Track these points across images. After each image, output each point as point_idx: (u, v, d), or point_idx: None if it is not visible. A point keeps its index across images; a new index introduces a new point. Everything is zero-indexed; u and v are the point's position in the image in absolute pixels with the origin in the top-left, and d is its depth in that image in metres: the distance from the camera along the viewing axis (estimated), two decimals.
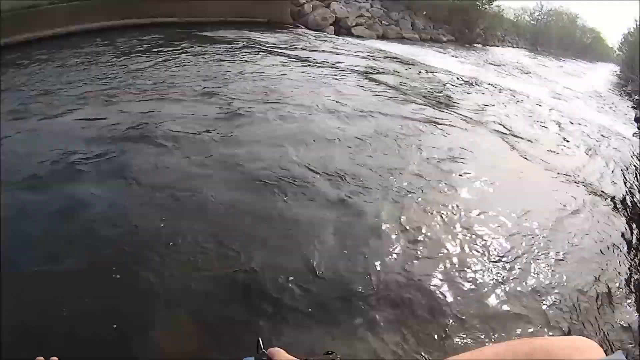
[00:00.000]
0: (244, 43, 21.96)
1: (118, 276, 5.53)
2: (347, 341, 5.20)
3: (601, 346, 1.06)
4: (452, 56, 36.87)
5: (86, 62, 15.82)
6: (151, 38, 20.26)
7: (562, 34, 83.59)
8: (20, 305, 5.01)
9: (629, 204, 12.21)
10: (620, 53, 77.98)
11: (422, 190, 9.39)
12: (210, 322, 5.20)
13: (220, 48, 19.98)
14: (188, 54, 18.16)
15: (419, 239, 7.46)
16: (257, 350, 1.57)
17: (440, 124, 14.84)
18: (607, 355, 1.00)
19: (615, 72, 67.97)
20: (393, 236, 7.34)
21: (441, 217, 8.38)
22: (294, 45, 23.87)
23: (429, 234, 7.67)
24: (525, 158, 13.70)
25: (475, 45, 51.88)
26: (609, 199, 11.95)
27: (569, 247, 8.62)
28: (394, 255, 6.85)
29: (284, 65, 18.57)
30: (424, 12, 47.27)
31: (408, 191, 9.11)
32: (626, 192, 13.13)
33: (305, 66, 19.31)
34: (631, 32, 68.93)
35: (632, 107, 34.20)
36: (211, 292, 5.56)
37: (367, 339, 5.27)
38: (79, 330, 4.74)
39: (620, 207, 11.70)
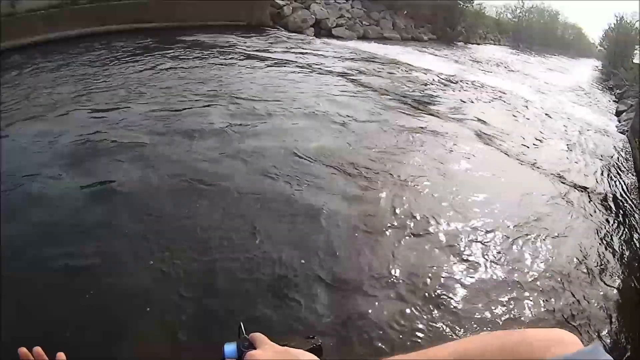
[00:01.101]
0: (224, 47, 21.90)
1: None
2: None
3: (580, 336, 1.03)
4: (433, 55, 36.90)
5: (96, 65, 16.33)
6: (141, 43, 20.24)
7: (544, 31, 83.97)
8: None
9: (607, 195, 12.29)
10: (602, 48, 78.27)
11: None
12: None
13: (200, 52, 19.90)
14: (177, 59, 18.15)
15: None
16: (239, 335, 1.52)
17: (420, 119, 14.93)
18: (585, 346, 0.95)
19: (597, 67, 68.44)
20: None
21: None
22: (273, 48, 23.80)
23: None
24: (502, 152, 13.77)
25: (456, 43, 51.97)
26: (587, 191, 12.03)
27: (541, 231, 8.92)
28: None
29: (260, 68, 18.57)
30: (405, 12, 47.26)
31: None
32: (604, 184, 13.24)
33: (283, 68, 19.27)
34: (612, 28, 69.28)
35: (614, 101, 34.38)
36: None
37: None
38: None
39: (597, 199, 11.79)
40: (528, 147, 14.84)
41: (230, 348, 1.48)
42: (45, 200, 7.30)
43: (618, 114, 27.96)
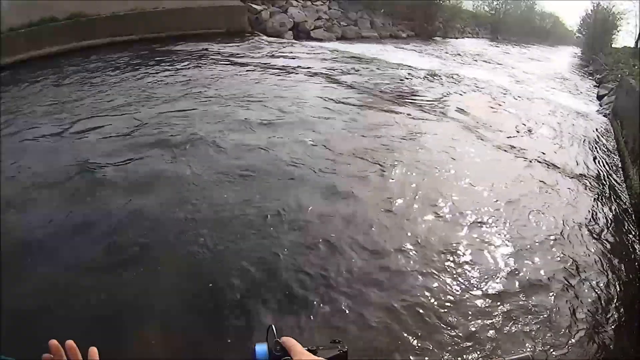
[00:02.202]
0: (205, 54, 21.95)
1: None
2: None
3: None
4: (413, 51, 37.03)
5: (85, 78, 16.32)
6: (124, 56, 20.23)
7: (522, 21, 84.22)
8: None
9: (592, 174, 12.50)
10: (580, 35, 78.70)
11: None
12: None
13: (182, 61, 19.92)
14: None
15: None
16: (267, 337, 1.59)
17: (402, 114, 15.04)
18: None
19: (576, 54, 68.84)
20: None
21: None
22: (253, 54, 23.83)
23: None
24: (485, 139, 13.92)
25: (435, 38, 52.11)
26: (572, 173, 12.24)
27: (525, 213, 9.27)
28: None
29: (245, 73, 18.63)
30: (382, 10, 47.30)
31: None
32: (589, 165, 13.46)
33: (265, 72, 19.31)
34: (589, 14, 69.66)
35: (594, 86, 34.63)
36: None
37: None
38: None
39: (582, 178, 12.01)
40: (510, 135, 14.99)
41: (261, 349, 1.53)
42: None
43: (599, 98, 28.20)
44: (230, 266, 6.48)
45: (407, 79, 22.21)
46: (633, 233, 9.58)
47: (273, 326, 1.61)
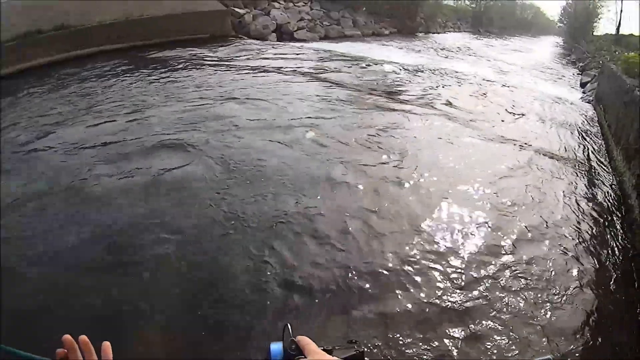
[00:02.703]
0: (192, 60, 22.01)
1: None
2: None
3: None
4: (396, 48, 37.23)
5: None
6: (113, 65, 20.08)
7: (503, 13, 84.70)
8: None
9: (575, 158, 12.80)
10: (562, 25, 79.21)
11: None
12: None
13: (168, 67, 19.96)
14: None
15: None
16: (283, 336, 1.59)
17: (389, 110, 15.25)
18: None
19: (558, 43, 69.26)
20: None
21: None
22: (239, 57, 23.91)
23: None
24: (473, 128, 14.19)
25: (417, 34, 52.37)
26: (558, 156, 12.55)
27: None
28: None
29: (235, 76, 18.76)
30: (364, 8, 47.53)
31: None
32: (574, 149, 13.77)
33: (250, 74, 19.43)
34: (569, 4, 70.15)
35: (577, 73, 34.96)
36: None
37: None
38: None
39: (568, 161, 12.31)
40: (496, 124, 15.25)
41: (276, 348, 1.54)
42: None
43: (583, 85, 28.53)
44: None
45: (393, 74, 22.40)
46: (617, 208, 9.92)
47: (289, 325, 1.61)
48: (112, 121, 12.31)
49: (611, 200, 10.33)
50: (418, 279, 6.59)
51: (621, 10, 45.64)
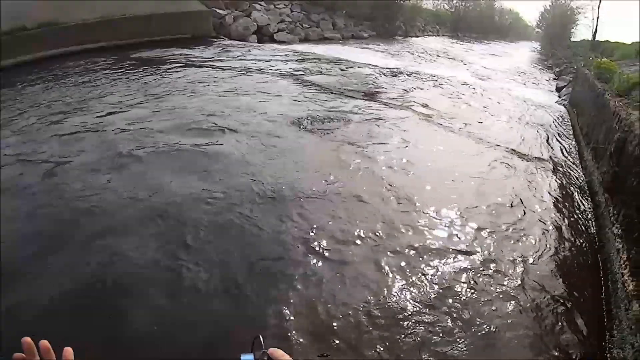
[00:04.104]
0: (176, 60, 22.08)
1: None
2: None
3: None
4: (375, 50, 37.51)
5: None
6: (95, 63, 20.18)
7: (481, 18, 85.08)
8: None
9: (548, 159, 13.14)
10: (539, 30, 79.70)
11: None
12: None
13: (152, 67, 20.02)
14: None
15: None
16: (252, 348, 1.55)
17: (367, 111, 15.49)
18: None
19: (536, 48, 69.78)
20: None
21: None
22: (221, 58, 24.02)
23: None
24: (450, 130, 14.46)
25: (396, 38, 52.62)
26: (531, 157, 12.87)
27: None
28: None
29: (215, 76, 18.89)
30: (344, 11, 47.79)
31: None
32: (547, 149, 14.13)
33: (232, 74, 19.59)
34: (547, 10, 70.66)
35: (553, 78, 35.38)
36: None
37: None
38: None
39: (541, 161, 12.65)
40: (472, 124, 15.55)
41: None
42: None
43: (558, 89, 28.93)
44: None
45: (371, 77, 22.63)
46: (587, 205, 10.28)
47: (261, 337, 1.57)
48: None
49: (580, 197, 10.69)
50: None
51: (598, 17, 46.19)
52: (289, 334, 5.34)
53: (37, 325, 5.16)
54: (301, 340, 5.23)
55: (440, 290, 6.63)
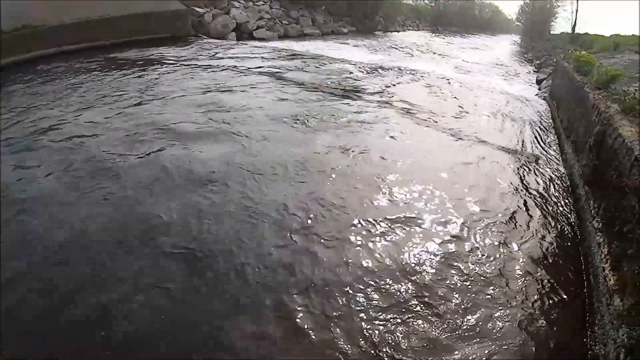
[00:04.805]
0: (159, 60, 21.90)
1: None
2: None
3: None
4: (355, 46, 37.56)
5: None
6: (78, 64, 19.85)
7: (461, 12, 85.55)
8: None
9: (528, 152, 13.17)
10: (519, 23, 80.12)
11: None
12: None
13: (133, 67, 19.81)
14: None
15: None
16: None
17: (348, 106, 15.48)
18: None
19: (516, 41, 70.17)
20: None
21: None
22: (199, 56, 23.90)
23: None
24: (429, 125, 14.44)
25: (376, 33, 52.73)
26: (510, 150, 12.90)
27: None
28: None
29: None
30: (323, 7, 47.81)
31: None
32: (527, 142, 14.17)
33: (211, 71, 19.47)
34: (527, 3, 71.04)
35: (534, 71, 35.58)
36: None
37: None
38: None
39: (519, 155, 12.72)
40: (451, 118, 15.57)
41: None
42: None
43: (538, 82, 29.10)
44: None
45: (350, 72, 22.61)
46: (568, 199, 10.29)
47: None
48: None
49: (561, 190, 10.70)
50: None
51: (577, 10, 46.49)
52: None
53: None
54: None
55: (416, 272, 6.66)
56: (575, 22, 46.42)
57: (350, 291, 6.38)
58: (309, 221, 7.98)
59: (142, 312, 5.67)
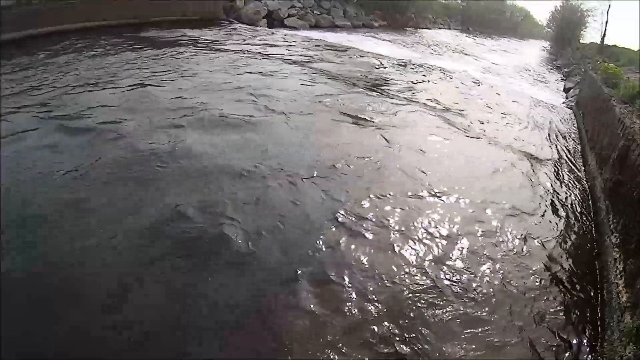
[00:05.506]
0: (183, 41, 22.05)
1: None
2: None
3: None
4: (385, 40, 37.50)
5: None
6: (102, 41, 20.03)
7: (492, 14, 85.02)
8: None
9: (552, 160, 13.17)
10: (549, 30, 79.42)
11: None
12: None
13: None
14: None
15: None
16: None
17: (378, 100, 15.56)
18: None
19: (545, 47, 69.62)
20: None
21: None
22: (230, 40, 24.01)
23: None
24: (456, 127, 14.44)
25: (407, 29, 52.56)
26: (534, 158, 12.91)
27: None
28: None
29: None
30: (355, 0, 47.75)
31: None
32: (552, 150, 14.17)
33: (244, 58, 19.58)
34: (558, 10, 70.47)
35: (562, 79, 35.38)
36: None
37: None
38: None
39: (545, 162, 12.72)
40: (478, 121, 15.56)
41: None
42: None
43: (566, 90, 28.97)
44: None
45: (381, 67, 22.68)
46: (588, 211, 10.31)
47: None
48: None
49: (582, 202, 10.70)
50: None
51: (606, 21, 46.16)
52: None
53: None
54: None
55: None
56: (604, 34, 46.13)
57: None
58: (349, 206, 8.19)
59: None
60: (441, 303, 6.32)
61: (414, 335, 5.64)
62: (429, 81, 21.28)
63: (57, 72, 14.35)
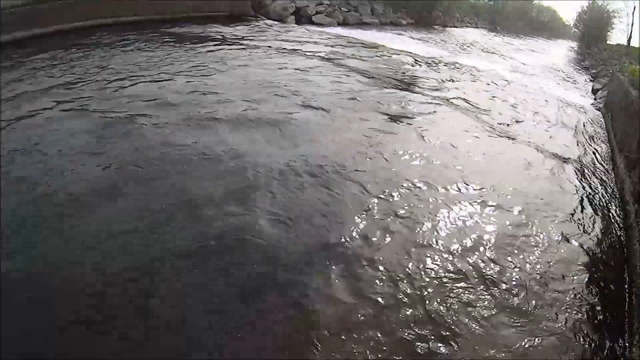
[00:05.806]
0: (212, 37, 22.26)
1: None
2: None
3: None
4: (413, 38, 37.54)
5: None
6: (129, 37, 20.25)
7: (520, 13, 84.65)
8: None
9: (581, 162, 13.20)
10: (576, 30, 78.94)
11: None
12: None
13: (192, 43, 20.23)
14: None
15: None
16: None
17: (408, 98, 15.70)
18: None
19: (573, 48, 69.17)
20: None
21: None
22: (260, 37, 24.22)
23: None
24: (486, 126, 14.52)
25: (434, 27, 52.50)
26: (563, 159, 12.95)
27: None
28: None
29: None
30: None
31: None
32: (580, 153, 14.20)
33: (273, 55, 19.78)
34: (585, 10, 70.10)
35: (590, 80, 35.22)
36: None
37: None
38: None
39: (572, 165, 12.77)
40: (507, 122, 15.63)
41: None
42: None
43: (594, 91, 28.85)
44: None
45: (409, 65, 22.79)
46: (616, 213, 10.36)
47: None
48: None
49: (611, 205, 10.74)
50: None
51: (632, 23, 45.94)
52: None
53: None
54: None
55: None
56: (630, 35, 45.87)
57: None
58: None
59: None
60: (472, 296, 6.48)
61: (446, 323, 5.81)
62: (459, 80, 21.35)
63: (93, 67, 14.64)
